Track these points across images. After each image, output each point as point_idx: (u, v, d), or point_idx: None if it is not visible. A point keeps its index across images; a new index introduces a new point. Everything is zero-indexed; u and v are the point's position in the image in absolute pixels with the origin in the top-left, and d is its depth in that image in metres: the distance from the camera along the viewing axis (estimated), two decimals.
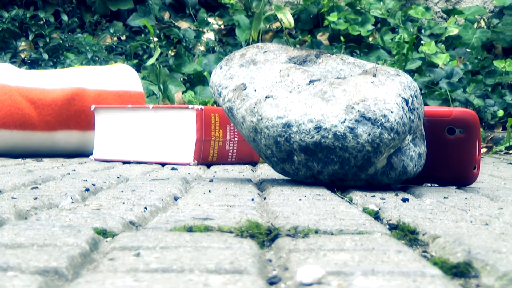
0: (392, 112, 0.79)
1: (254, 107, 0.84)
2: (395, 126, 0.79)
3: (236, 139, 1.30)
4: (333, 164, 0.81)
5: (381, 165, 0.81)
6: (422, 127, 0.86)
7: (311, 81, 0.83)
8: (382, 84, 0.82)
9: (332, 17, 2.75)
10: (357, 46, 2.75)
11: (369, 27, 2.79)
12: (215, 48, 2.78)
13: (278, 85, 0.84)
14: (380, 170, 0.81)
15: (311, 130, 0.79)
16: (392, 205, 0.67)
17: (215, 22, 2.89)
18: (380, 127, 0.78)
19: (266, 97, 0.83)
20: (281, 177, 1.00)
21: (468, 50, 2.77)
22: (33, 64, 2.57)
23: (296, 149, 0.81)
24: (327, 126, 0.79)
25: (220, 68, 0.90)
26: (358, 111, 0.79)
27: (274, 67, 0.87)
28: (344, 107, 0.79)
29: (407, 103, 0.81)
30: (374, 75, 0.83)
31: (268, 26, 2.88)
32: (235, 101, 0.86)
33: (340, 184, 0.83)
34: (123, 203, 0.64)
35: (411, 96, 0.83)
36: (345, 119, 0.79)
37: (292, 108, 0.81)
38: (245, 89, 0.86)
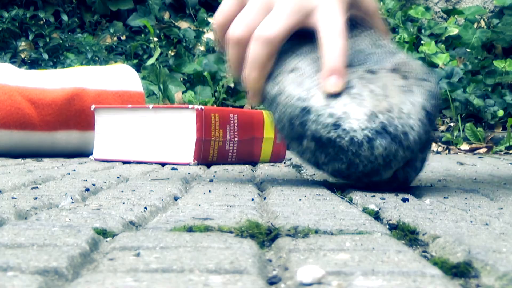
0: (414, 130, 0.77)
1: (276, 78, 0.81)
2: (412, 146, 0.77)
3: (236, 139, 1.30)
4: (340, 163, 0.78)
5: (386, 176, 0.79)
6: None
7: None
8: (411, 91, 0.79)
9: None
10: None
11: None
12: (215, 48, 2.78)
13: (305, 59, 0.81)
14: (384, 180, 0.80)
15: (329, 125, 0.76)
16: (392, 205, 0.67)
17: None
18: (398, 144, 0.76)
19: (291, 71, 0.80)
20: (281, 177, 1.00)
21: (468, 50, 2.77)
22: (33, 64, 2.57)
23: (309, 136, 0.78)
24: (347, 127, 0.76)
25: None
26: (381, 122, 0.76)
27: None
28: (368, 112, 0.76)
29: (429, 117, 0.79)
30: (404, 76, 0.80)
31: None
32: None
33: (340, 179, 0.82)
34: (123, 203, 0.64)
35: (434, 107, 0.79)
36: (366, 127, 0.75)
37: (315, 93, 0.78)
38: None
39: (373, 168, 0.77)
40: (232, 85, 2.51)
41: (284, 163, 1.37)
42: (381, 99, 0.77)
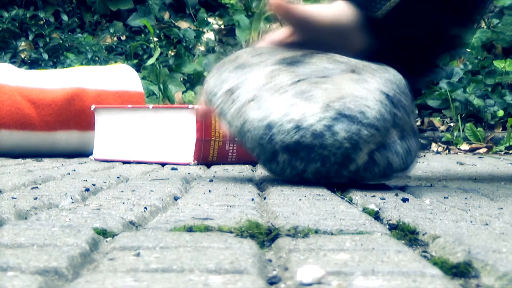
0: (371, 108, 0.79)
1: (239, 111, 0.84)
2: (374, 122, 0.79)
3: (236, 139, 1.30)
4: (314, 162, 0.81)
5: (362, 161, 0.80)
6: (414, 124, 0.86)
7: (297, 81, 0.83)
8: (365, 81, 0.82)
9: None
10: None
11: None
12: (215, 48, 2.78)
13: (264, 88, 0.84)
14: (362, 166, 0.81)
15: (290, 130, 0.80)
16: (392, 205, 0.67)
17: (215, 22, 2.89)
18: (358, 124, 0.79)
19: (251, 100, 0.84)
20: None
21: (468, 50, 2.77)
22: (33, 64, 2.57)
23: (279, 150, 0.81)
24: (305, 125, 0.79)
25: (212, 73, 0.90)
26: (335, 109, 0.79)
27: (264, 70, 0.86)
28: (322, 105, 0.80)
29: (390, 99, 0.81)
30: (358, 72, 0.83)
31: (268, 26, 2.88)
32: (224, 105, 0.86)
33: (325, 182, 0.83)
34: (123, 203, 0.64)
35: (397, 92, 0.82)
36: (322, 118, 0.79)
37: (274, 109, 0.81)
38: (233, 93, 0.85)
39: (344, 155, 0.79)
40: None
41: None
42: (333, 92, 0.81)
